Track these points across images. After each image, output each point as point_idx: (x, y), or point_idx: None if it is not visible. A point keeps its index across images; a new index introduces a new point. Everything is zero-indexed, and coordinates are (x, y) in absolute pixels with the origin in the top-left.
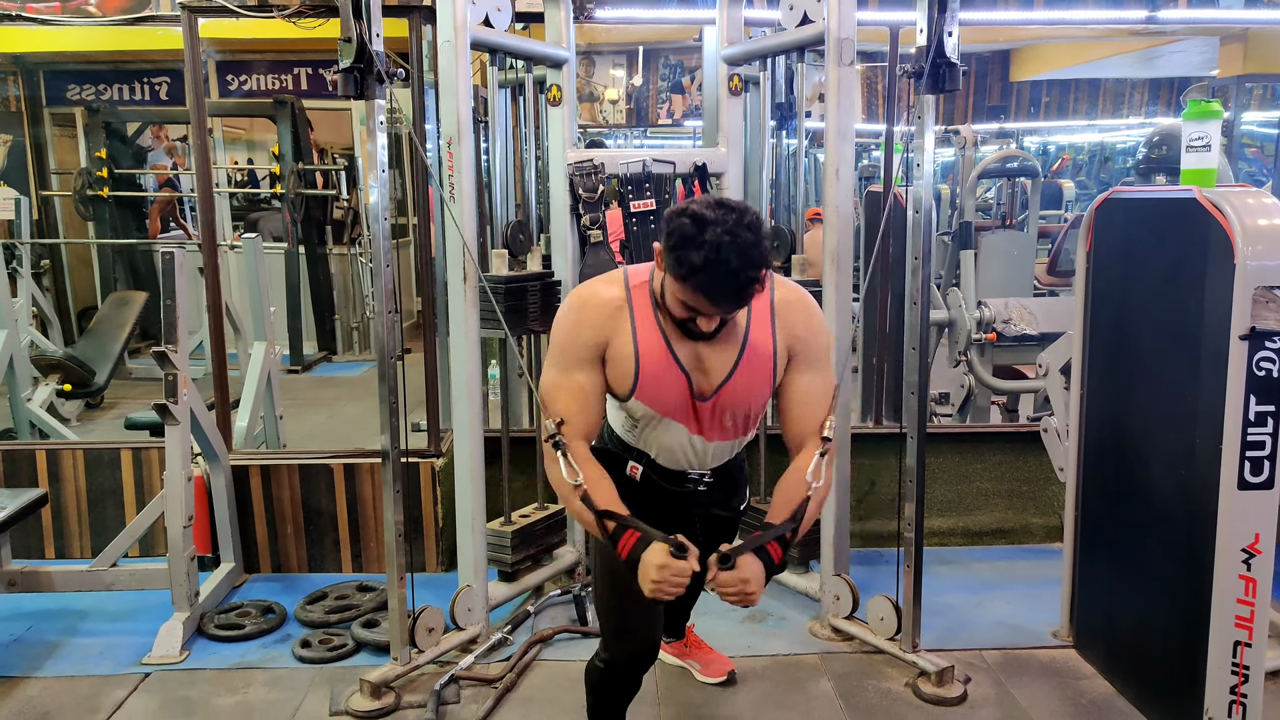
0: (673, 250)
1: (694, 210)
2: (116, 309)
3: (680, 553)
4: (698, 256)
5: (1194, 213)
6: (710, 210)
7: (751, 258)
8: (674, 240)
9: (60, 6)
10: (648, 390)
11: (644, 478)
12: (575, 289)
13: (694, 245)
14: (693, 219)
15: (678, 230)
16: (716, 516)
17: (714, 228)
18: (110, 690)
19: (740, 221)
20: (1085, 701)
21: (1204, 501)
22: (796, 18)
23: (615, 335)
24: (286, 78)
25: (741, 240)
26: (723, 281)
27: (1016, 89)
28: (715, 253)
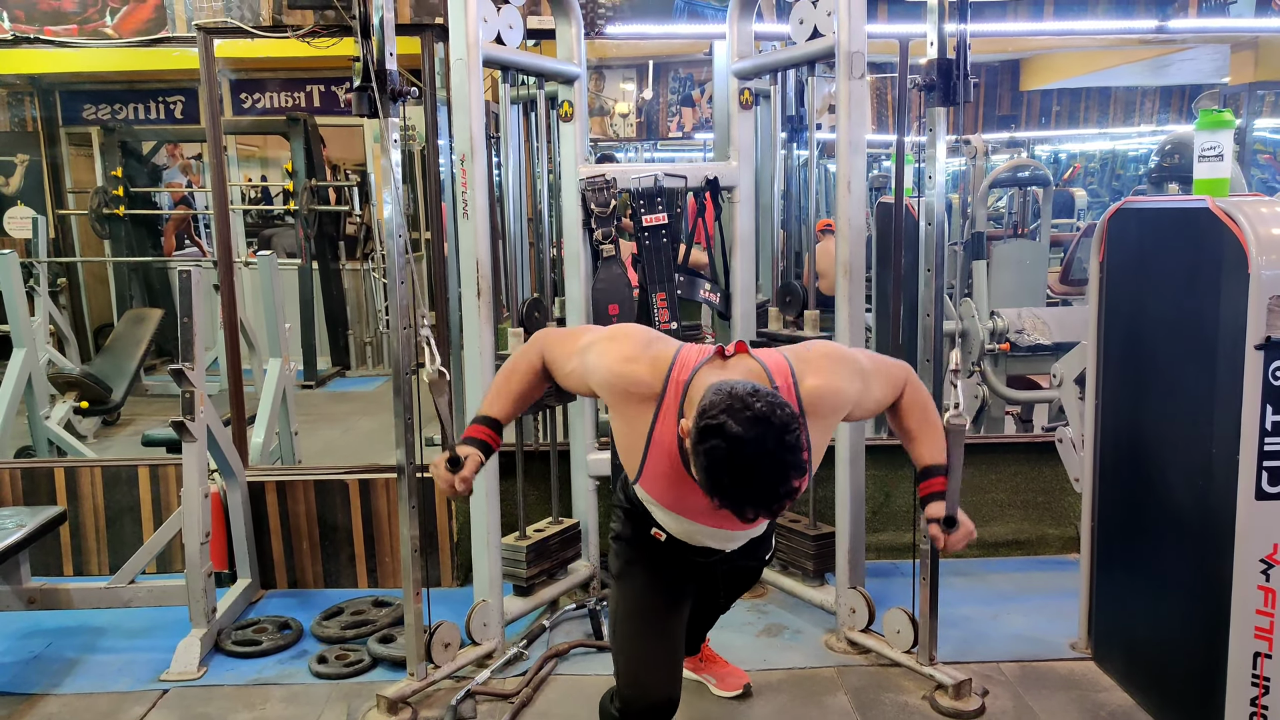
0: (705, 471)
1: (730, 431)
2: (133, 326)
3: (454, 467)
4: (732, 483)
5: (1207, 222)
6: (747, 429)
7: (789, 482)
8: (706, 461)
9: (77, 29)
10: (655, 487)
11: (669, 541)
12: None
13: (729, 472)
14: (729, 443)
15: (712, 453)
16: (743, 568)
17: (751, 452)
18: (129, 707)
19: (781, 442)
20: (1104, 714)
21: (1222, 512)
22: (806, 32)
23: (630, 414)
24: (299, 95)
25: (781, 463)
26: (756, 504)
27: (1027, 98)
28: (752, 480)
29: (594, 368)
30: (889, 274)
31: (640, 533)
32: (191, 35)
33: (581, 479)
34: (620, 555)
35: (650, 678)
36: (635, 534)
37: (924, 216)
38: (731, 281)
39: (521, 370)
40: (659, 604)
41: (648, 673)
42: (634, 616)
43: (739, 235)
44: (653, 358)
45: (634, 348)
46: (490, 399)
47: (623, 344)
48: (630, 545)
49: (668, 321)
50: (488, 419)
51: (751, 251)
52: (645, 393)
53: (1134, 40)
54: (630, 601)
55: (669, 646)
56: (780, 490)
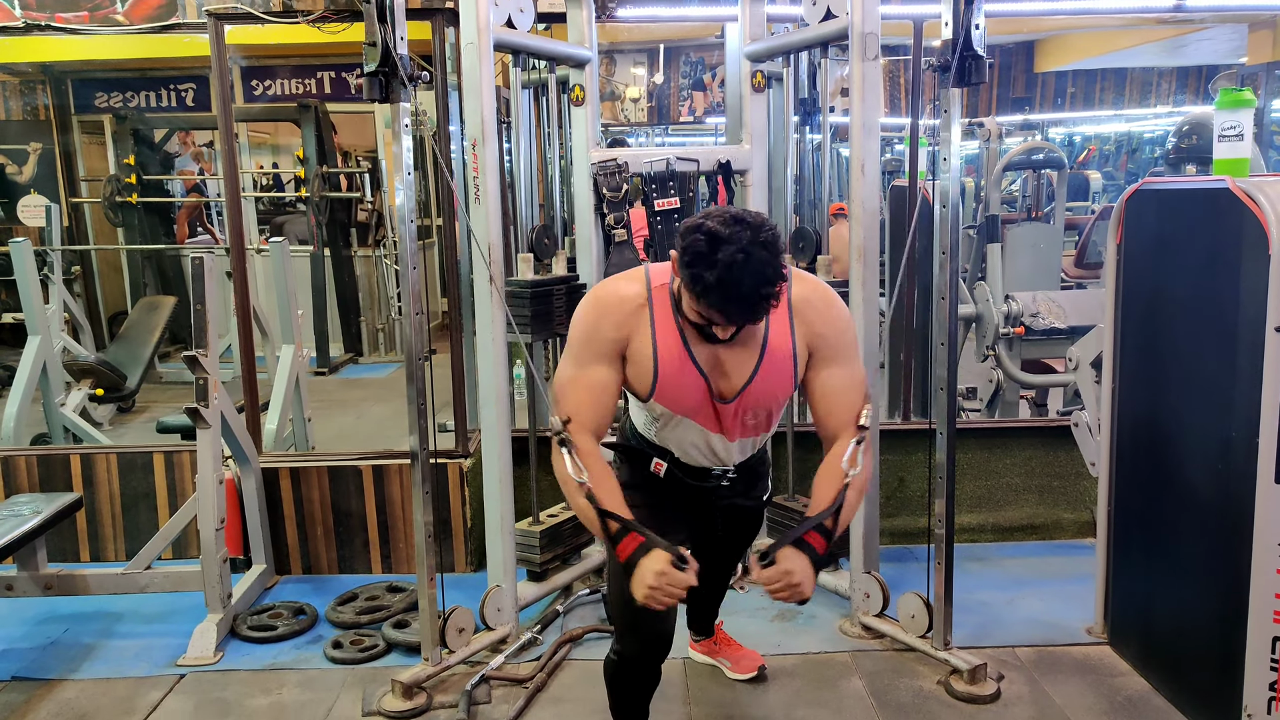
0: (688, 267)
1: (709, 227)
2: (146, 314)
3: (681, 564)
4: (711, 275)
5: (1227, 203)
6: (725, 226)
7: (765, 275)
8: (688, 257)
9: (88, 15)
10: (667, 392)
11: (668, 474)
12: (595, 287)
13: (708, 263)
14: (707, 236)
15: (692, 247)
16: (739, 507)
17: (728, 245)
18: (146, 692)
19: (755, 238)
20: (1121, 699)
21: (1240, 496)
22: (820, 13)
23: (634, 335)
24: (310, 82)
25: (756, 258)
26: (737, 299)
27: (1041, 80)
28: (729, 271)
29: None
30: (903, 257)
31: (639, 470)
32: (202, 21)
33: None
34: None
35: (644, 619)
36: (634, 473)
37: (939, 199)
38: None
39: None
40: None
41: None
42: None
43: None
44: (625, 280)
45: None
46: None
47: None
48: (628, 489)
49: None
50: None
51: None
52: (637, 301)
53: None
54: None
55: None
56: (761, 289)
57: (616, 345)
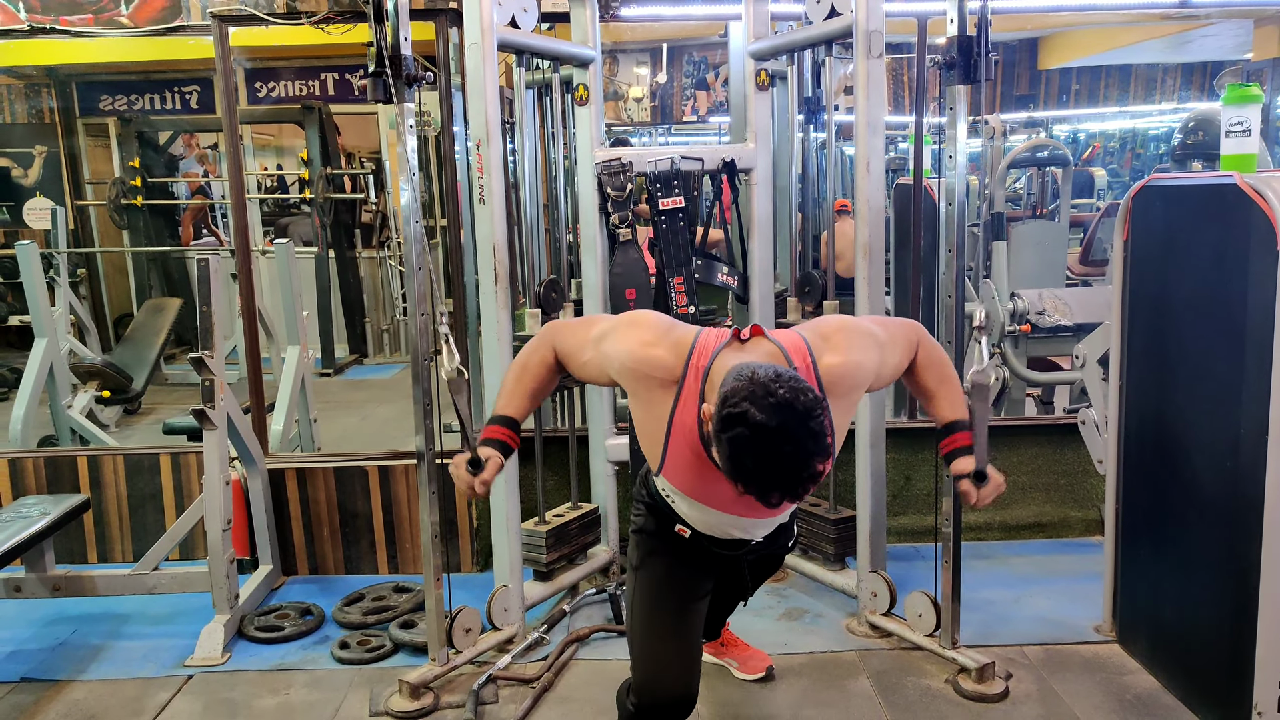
0: (729, 459)
1: (754, 419)
2: (152, 316)
3: (474, 468)
4: (756, 468)
5: (1235, 199)
6: (771, 416)
7: (813, 466)
8: (730, 449)
9: (93, 19)
10: (678, 476)
11: (693, 537)
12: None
13: (754, 458)
14: (752, 431)
15: (736, 441)
16: (766, 557)
17: (776, 440)
18: (154, 692)
19: (805, 427)
20: (1130, 697)
21: (1250, 493)
22: (824, 11)
23: (649, 398)
24: (314, 83)
25: (806, 450)
26: (781, 489)
27: (1045, 77)
28: (776, 466)
29: (613, 354)
30: (908, 256)
31: (663, 528)
32: (206, 23)
33: (600, 464)
34: (641, 547)
35: (667, 675)
36: (658, 529)
37: (944, 197)
38: (749, 265)
39: (534, 366)
40: (678, 599)
41: (665, 669)
42: (653, 611)
43: (756, 218)
44: (673, 343)
45: (653, 333)
46: (505, 397)
47: (642, 330)
48: (651, 538)
49: (685, 306)
50: (505, 418)
51: (769, 234)
52: (666, 377)
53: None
54: (649, 596)
55: (687, 643)
56: (805, 475)
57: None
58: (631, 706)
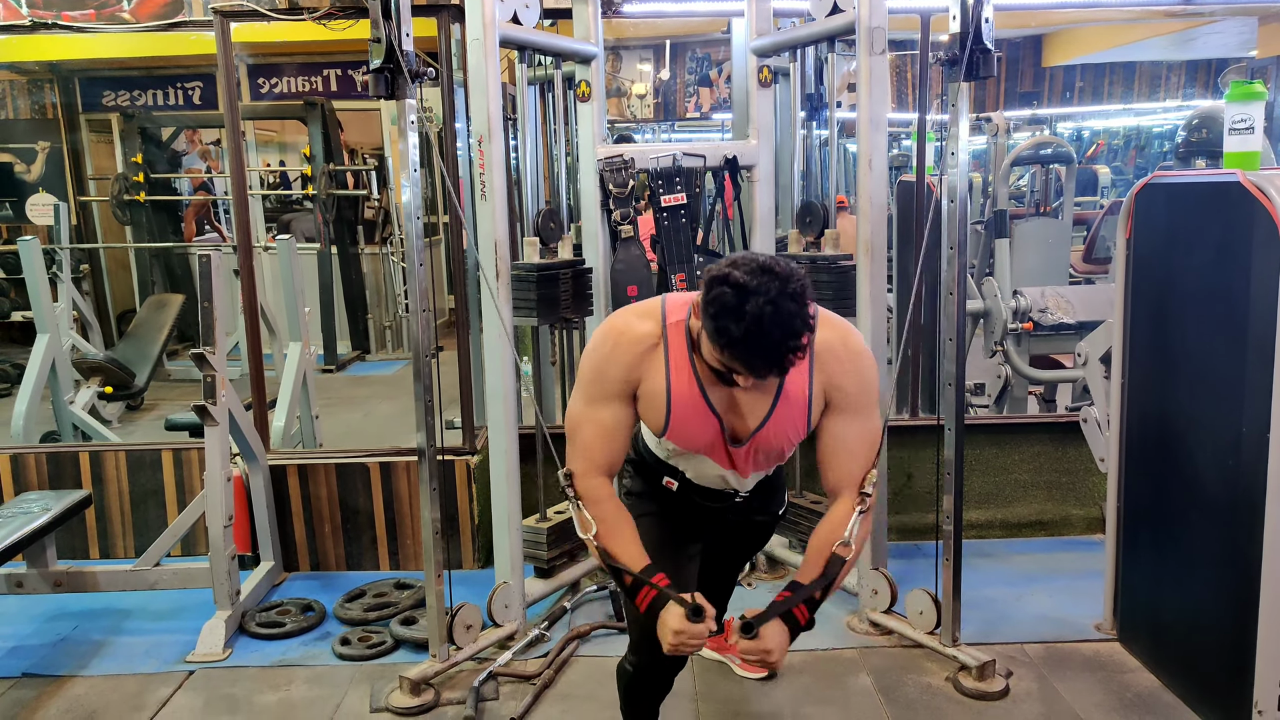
0: (713, 319)
1: (735, 278)
2: (155, 312)
3: (696, 616)
4: (738, 328)
5: (1238, 196)
6: (753, 277)
7: (794, 328)
8: (714, 309)
9: (95, 14)
10: (679, 431)
11: (681, 490)
12: (610, 318)
13: (734, 316)
14: (734, 288)
15: (718, 299)
16: (754, 522)
17: (756, 298)
18: (156, 688)
19: (784, 290)
20: (1130, 695)
21: (1252, 491)
22: (826, 7)
23: (647, 374)
24: (316, 80)
25: (784, 310)
26: (763, 352)
27: (1049, 74)
28: (757, 324)
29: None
30: (910, 253)
31: (651, 484)
32: (208, 19)
33: None
34: (630, 509)
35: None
36: (646, 486)
37: (946, 194)
38: None
39: (611, 503)
40: (669, 554)
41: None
42: None
43: (758, 214)
44: (638, 314)
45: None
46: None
47: (604, 337)
48: (641, 498)
49: None
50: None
51: (771, 231)
52: (651, 341)
53: (1159, 13)
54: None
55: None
56: (788, 342)
57: (627, 385)
58: (630, 666)
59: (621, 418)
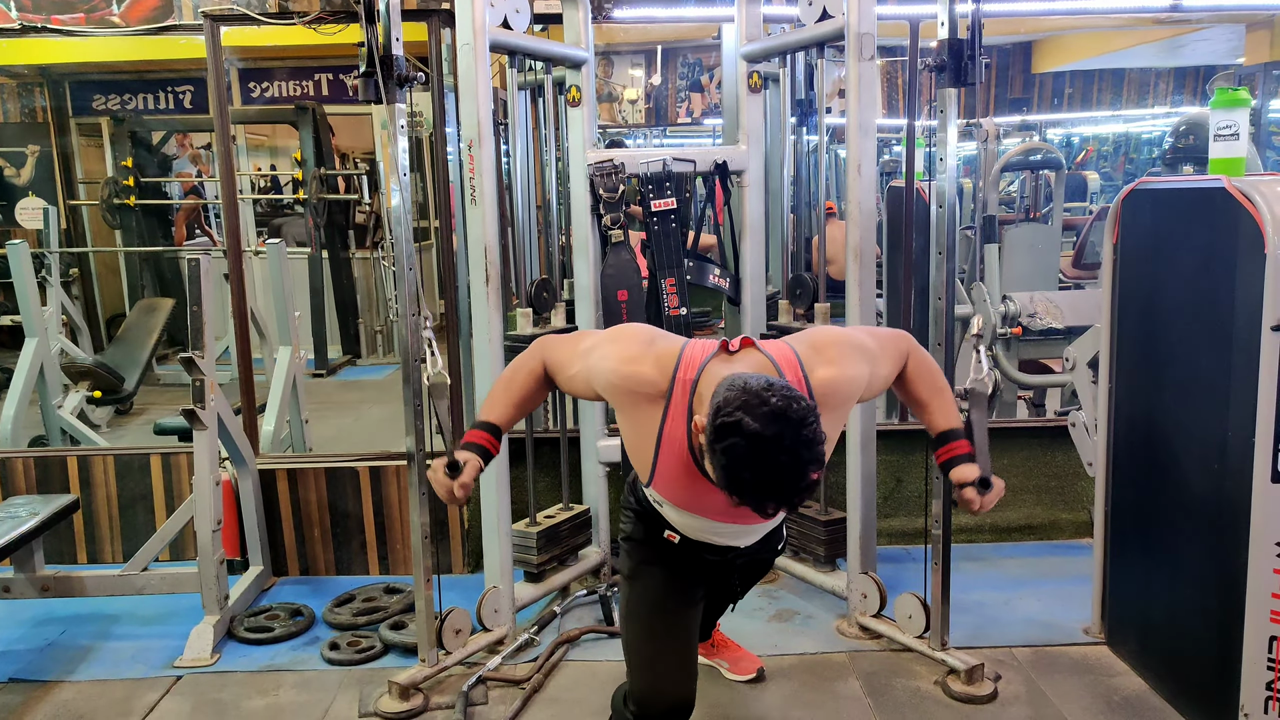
0: (724, 468)
1: (748, 429)
2: (144, 316)
3: (452, 471)
4: (751, 477)
5: (1223, 202)
6: (766, 426)
7: (808, 477)
8: (726, 460)
9: (85, 18)
10: (668, 488)
11: (683, 543)
12: (633, 336)
13: (749, 468)
14: (747, 440)
15: (731, 451)
16: (757, 560)
17: (771, 449)
18: (143, 693)
19: (798, 437)
20: (1118, 699)
21: (1237, 496)
22: (816, 13)
23: (639, 416)
24: (308, 84)
25: (801, 460)
26: (776, 500)
27: (1039, 81)
28: (772, 476)
29: (598, 370)
30: (900, 258)
31: (652, 535)
32: (198, 23)
33: (592, 465)
34: (632, 555)
35: (666, 682)
36: (647, 536)
37: (935, 199)
38: (741, 267)
39: (522, 376)
40: (673, 605)
41: (664, 676)
42: (648, 617)
43: (748, 220)
44: (656, 356)
45: (637, 347)
46: (490, 404)
47: (625, 344)
48: (642, 545)
49: (677, 308)
50: (488, 424)
51: (761, 237)
52: (652, 392)
53: (1148, 20)
54: (644, 602)
55: (684, 647)
56: (801, 485)
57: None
58: (630, 715)
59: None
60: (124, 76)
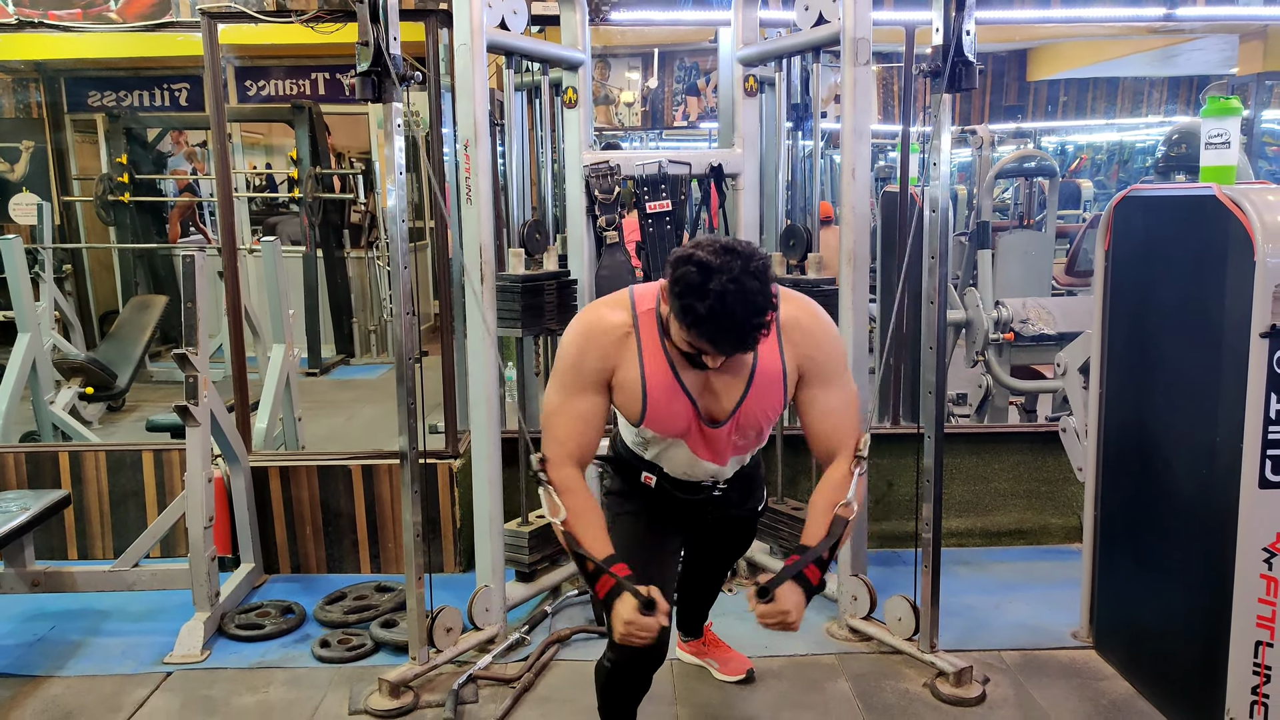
0: (678, 298)
1: (699, 257)
2: (137, 313)
3: (649, 610)
4: (703, 306)
5: (1213, 210)
6: (716, 256)
7: (757, 305)
8: (679, 288)
9: (82, 13)
10: (656, 418)
11: (659, 486)
12: (582, 312)
13: (699, 294)
14: (698, 267)
15: (683, 278)
16: (733, 518)
17: (719, 276)
18: (132, 689)
19: (746, 268)
20: (1105, 702)
21: (1225, 500)
22: (812, 18)
23: (621, 363)
24: (304, 83)
25: (747, 288)
26: (728, 330)
27: (1034, 88)
28: (720, 302)
29: (584, 368)
30: (893, 263)
31: (630, 481)
32: (195, 20)
33: None
34: (610, 508)
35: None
36: (625, 484)
37: (928, 204)
38: None
39: (583, 494)
40: (649, 550)
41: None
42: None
43: (743, 222)
44: (609, 305)
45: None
46: (591, 539)
47: (574, 333)
48: (620, 497)
49: None
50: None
51: (755, 239)
52: (621, 332)
53: (1142, 29)
54: (621, 544)
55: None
56: (752, 319)
57: (602, 375)
58: (608, 662)
59: (596, 407)
60: (120, 73)
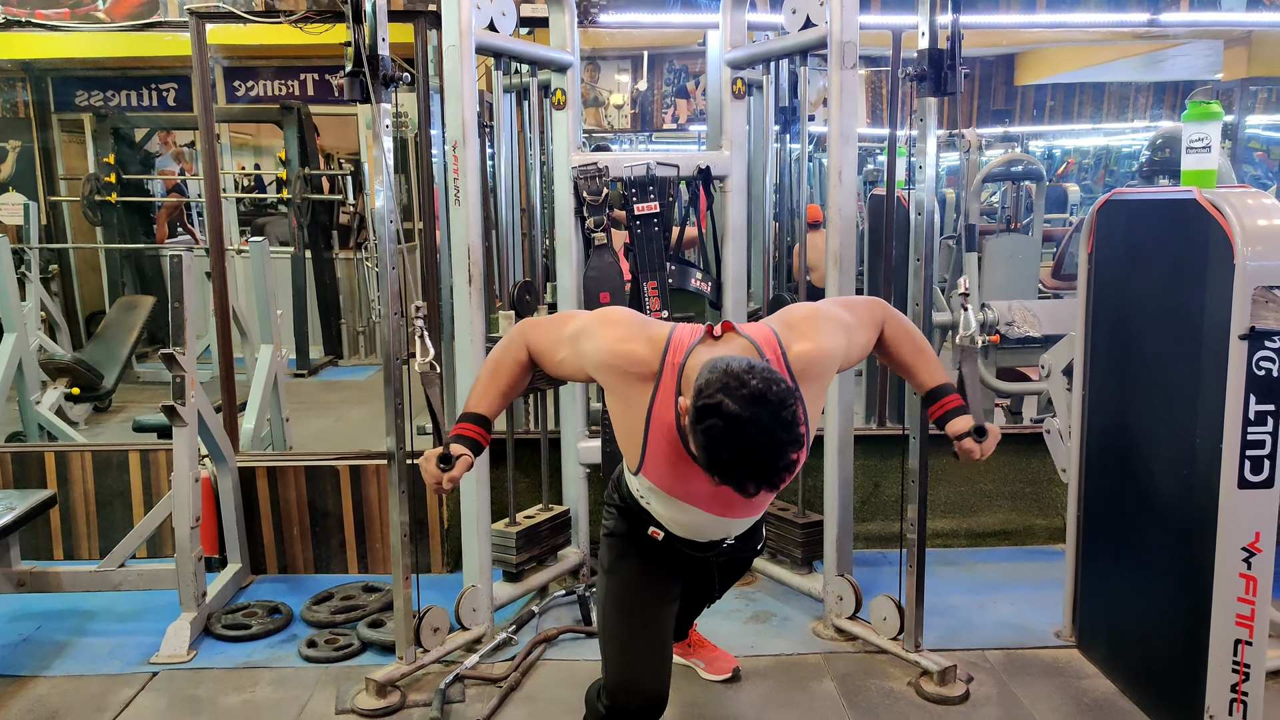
0: (705, 449)
1: (728, 410)
2: (124, 313)
3: (445, 464)
4: (729, 457)
5: (1194, 213)
6: (745, 407)
7: (786, 459)
8: (705, 440)
9: (69, 12)
10: (657, 472)
11: (666, 540)
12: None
13: (727, 448)
14: (726, 421)
15: (710, 431)
16: (738, 560)
17: (749, 429)
18: (118, 689)
19: (777, 418)
20: (1087, 701)
21: (1204, 501)
22: (799, 21)
23: (629, 395)
24: (293, 84)
25: (778, 441)
26: (755, 479)
27: (1021, 93)
28: (750, 458)
29: (589, 351)
30: (881, 265)
31: (635, 531)
32: (184, 20)
33: (572, 466)
34: (612, 549)
35: (640, 676)
36: (630, 531)
37: (914, 207)
38: (723, 271)
39: (508, 364)
40: (650, 601)
41: (638, 671)
42: (625, 614)
43: (731, 225)
44: (649, 338)
45: (629, 329)
46: (477, 394)
47: (618, 326)
48: (623, 540)
49: (659, 310)
50: (476, 416)
51: (743, 241)
52: (643, 371)
53: (1127, 35)
54: (621, 597)
55: (659, 644)
56: (780, 464)
57: (598, 372)
58: (603, 709)
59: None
60: (108, 72)
